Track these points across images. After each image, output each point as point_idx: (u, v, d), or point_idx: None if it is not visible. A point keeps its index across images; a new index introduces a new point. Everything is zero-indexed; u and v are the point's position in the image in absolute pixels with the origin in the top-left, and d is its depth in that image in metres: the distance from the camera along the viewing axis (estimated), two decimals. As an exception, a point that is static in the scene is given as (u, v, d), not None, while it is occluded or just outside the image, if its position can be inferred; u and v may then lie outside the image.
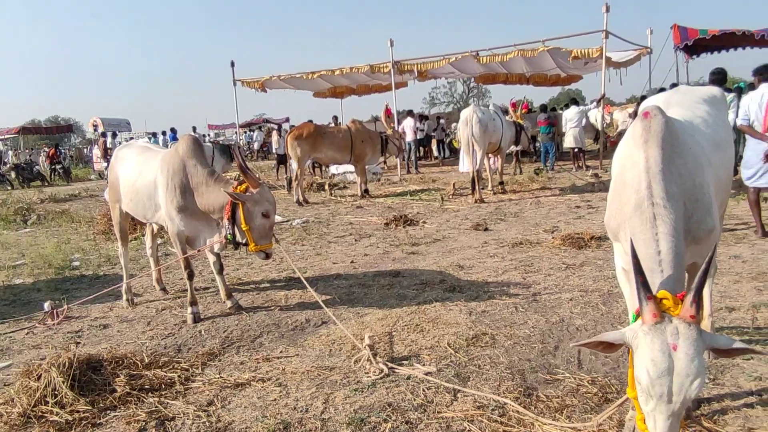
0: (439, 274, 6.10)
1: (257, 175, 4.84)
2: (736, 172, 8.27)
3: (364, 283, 5.97)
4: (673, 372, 1.97)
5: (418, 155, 20.07)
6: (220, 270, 5.40)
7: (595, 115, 16.50)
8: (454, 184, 12.73)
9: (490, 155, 12.54)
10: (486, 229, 8.45)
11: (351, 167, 14.18)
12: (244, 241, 4.72)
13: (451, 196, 12.05)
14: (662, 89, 13.99)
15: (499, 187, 12.50)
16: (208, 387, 3.73)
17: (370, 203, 12.10)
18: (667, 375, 1.97)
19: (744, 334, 4.01)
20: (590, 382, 3.44)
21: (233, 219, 4.69)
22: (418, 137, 19.56)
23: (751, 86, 8.24)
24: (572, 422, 3.01)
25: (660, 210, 2.37)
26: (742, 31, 14.87)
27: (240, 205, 4.60)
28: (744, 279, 5.21)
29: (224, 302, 5.41)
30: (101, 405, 3.49)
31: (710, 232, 2.61)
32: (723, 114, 3.54)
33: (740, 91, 10.31)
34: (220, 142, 20.67)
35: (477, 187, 11.19)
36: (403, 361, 3.92)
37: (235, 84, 20.45)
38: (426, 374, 3.67)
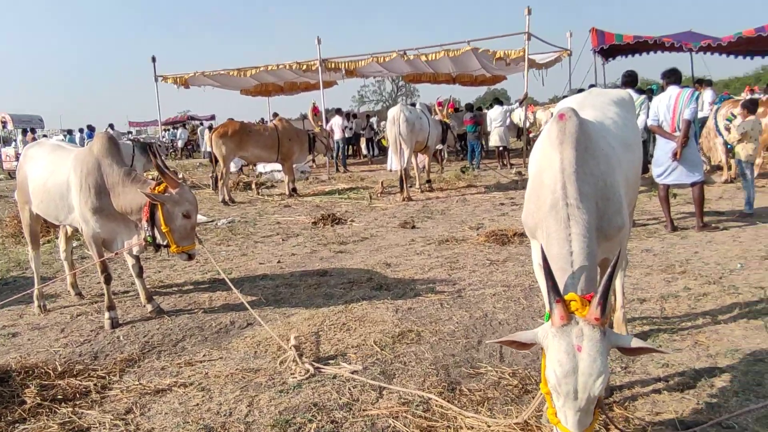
0: (367, 272, 6.12)
1: (179, 175, 4.69)
2: (647, 170, 8.70)
3: (291, 283, 5.91)
4: (577, 371, 2.07)
5: (346, 154, 20.06)
6: (140, 273, 5.21)
7: (519, 115, 16.99)
8: (382, 183, 12.80)
9: (417, 154, 12.69)
10: (413, 227, 8.55)
11: (278, 166, 14.00)
12: (164, 243, 4.58)
13: (379, 195, 12.11)
14: (581, 90, 14.60)
15: (427, 185, 12.67)
16: (127, 394, 3.59)
17: (298, 202, 11.99)
18: (572, 374, 2.07)
19: (654, 324, 4.24)
20: (511, 374, 3.55)
21: (152, 220, 4.53)
22: (347, 136, 19.55)
23: (663, 88, 8.70)
24: (494, 414, 3.09)
25: (574, 210, 2.45)
26: (653, 39, 15.73)
27: (159, 206, 4.45)
28: (654, 271, 5.50)
29: (144, 306, 5.23)
30: (9, 418, 3.30)
31: (620, 230, 2.74)
32: (632, 116, 3.72)
33: (652, 93, 10.89)
34: (141, 140, 19.89)
35: (405, 186, 11.31)
36: (330, 361, 3.92)
37: (156, 80, 19.81)
38: (352, 373, 3.68)
